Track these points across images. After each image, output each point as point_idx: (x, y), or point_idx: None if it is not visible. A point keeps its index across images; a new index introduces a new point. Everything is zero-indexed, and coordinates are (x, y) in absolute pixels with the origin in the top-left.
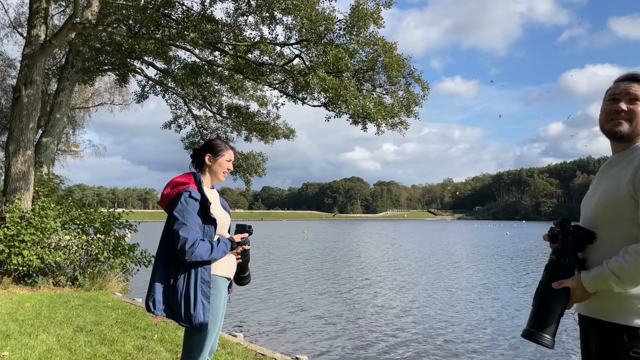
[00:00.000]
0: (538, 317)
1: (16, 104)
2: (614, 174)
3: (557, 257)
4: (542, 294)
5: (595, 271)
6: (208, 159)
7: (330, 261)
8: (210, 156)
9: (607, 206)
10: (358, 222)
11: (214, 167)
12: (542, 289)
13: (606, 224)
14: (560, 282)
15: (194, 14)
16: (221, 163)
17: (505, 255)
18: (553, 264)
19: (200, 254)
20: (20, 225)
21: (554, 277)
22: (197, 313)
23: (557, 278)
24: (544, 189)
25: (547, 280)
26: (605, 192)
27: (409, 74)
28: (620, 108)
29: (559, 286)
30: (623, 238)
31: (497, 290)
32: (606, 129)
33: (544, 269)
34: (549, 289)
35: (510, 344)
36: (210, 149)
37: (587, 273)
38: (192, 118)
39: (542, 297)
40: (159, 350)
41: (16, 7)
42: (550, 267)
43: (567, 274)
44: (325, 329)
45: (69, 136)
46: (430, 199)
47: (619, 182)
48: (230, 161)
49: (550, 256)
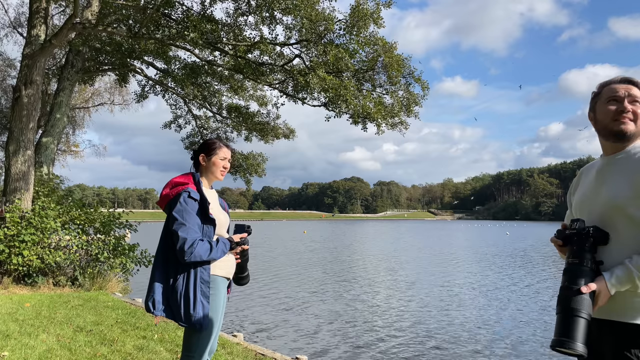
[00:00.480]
0: (566, 324)
1: (16, 104)
2: (620, 173)
3: (580, 260)
4: (567, 299)
5: (619, 272)
6: (202, 159)
7: (330, 261)
8: (204, 156)
9: (619, 205)
10: (358, 222)
11: (208, 166)
12: (566, 293)
13: (620, 224)
14: (588, 285)
15: (194, 14)
16: (215, 162)
17: (505, 255)
18: (574, 268)
19: (199, 254)
20: (21, 225)
21: (575, 281)
22: (197, 313)
23: (579, 282)
24: (544, 189)
25: (569, 285)
26: (615, 191)
27: (409, 73)
28: (626, 108)
29: (589, 290)
30: (638, 236)
31: (498, 290)
32: (612, 129)
33: (563, 273)
34: (573, 293)
35: (512, 345)
36: (203, 149)
37: (610, 274)
38: (192, 118)
39: (567, 302)
40: (159, 350)
41: (16, 7)
42: (572, 271)
43: (588, 276)
44: (326, 329)
45: (69, 136)
46: (430, 199)
47: (631, 179)
48: (226, 159)
49: (569, 259)
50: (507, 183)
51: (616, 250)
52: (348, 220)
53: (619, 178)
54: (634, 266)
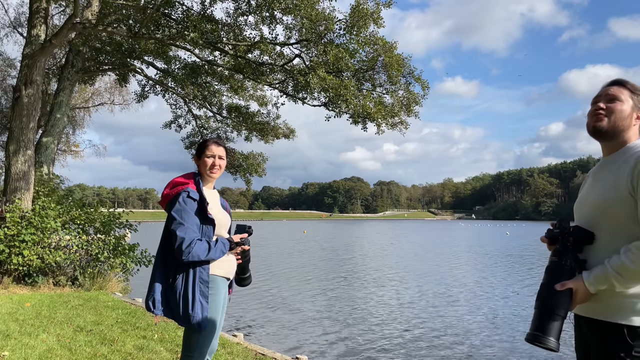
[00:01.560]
0: (541, 320)
1: (16, 103)
2: (609, 174)
3: (559, 259)
4: (544, 296)
5: (597, 271)
6: (195, 160)
7: (330, 261)
8: (196, 157)
9: (605, 206)
10: (358, 222)
11: (201, 167)
12: (544, 290)
13: (605, 224)
14: (563, 283)
15: (194, 14)
16: (204, 161)
17: (506, 254)
18: (554, 266)
19: (197, 254)
20: (21, 225)
21: (555, 278)
22: (195, 313)
23: (559, 279)
24: (544, 188)
25: (548, 282)
26: (602, 192)
27: (409, 73)
28: (598, 107)
29: (563, 288)
30: (623, 237)
31: (498, 289)
32: (589, 128)
33: (545, 271)
34: (551, 291)
35: (513, 345)
36: (197, 150)
37: (589, 273)
38: (192, 118)
39: (545, 299)
40: (159, 350)
41: (16, 7)
42: (551, 269)
43: (569, 275)
44: (325, 328)
45: (69, 136)
46: (430, 198)
47: (616, 181)
48: (215, 156)
49: (551, 257)
50: (507, 183)
51: (601, 250)
52: (346, 220)
53: (607, 179)
54: (611, 266)
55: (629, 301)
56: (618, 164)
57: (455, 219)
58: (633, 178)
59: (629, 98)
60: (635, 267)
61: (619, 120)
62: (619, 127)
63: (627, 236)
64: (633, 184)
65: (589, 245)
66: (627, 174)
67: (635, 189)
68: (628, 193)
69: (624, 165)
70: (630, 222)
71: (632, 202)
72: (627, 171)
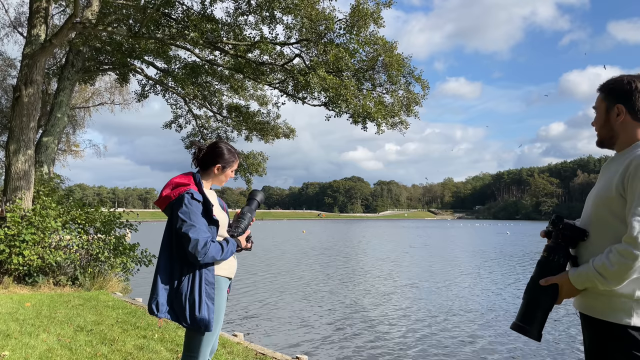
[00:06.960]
0: (526, 311)
1: (16, 103)
2: (610, 172)
3: (548, 254)
4: (532, 289)
5: (582, 269)
6: (217, 169)
7: (330, 261)
8: (220, 167)
9: (599, 204)
10: (357, 221)
11: (219, 175)
12: (532, 284)
13: (598, 222)
14: (547, 279)
15: (194, 14)
16: (227, 174)
17: (505, 254)
18: (543, 261)
19: (212, 255)
20: (21, 225)
21: (543, 273)
22: (202, 315)
23: (547, 274)
24: (544, 188)
25: (537, 276)
26: (600, 190)
27: (409, 73)
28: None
29: (546, 283)
30: (612, 236)
31: (499, 290)
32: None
33: (536, 265)
34: (536, 285)
35: (513, 345)
36: (220, 160)
37: (575, 270)
38: (192, 118)
39: (531, 292)
40: (159, 349)
41: (16, 6)
42: (541, 264)
43: (557, 270)
44: (326, 328)
45: (70, 136)
46: (430, 198)
47: (611, 180)
48: (234, 170)
49: (542, 253)
50: (507, 182)
51: (591, 248)
52: (344, 220)
53: (608, 177)
54: (594, 266)
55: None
56: (621, 161)
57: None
58: (624, 179)
59: (601, 102)
60: (614, 269)
61: (601, 129)
62: (606, 134)
63: (616, 236)
64: (624, 185)
65: (582, 241)
66: (620, 174)
67: (625, 190)
68: (619, 193)
69: (621, 166)
70: (620, 222)
71: (622, 203)
72: (620, 171)
